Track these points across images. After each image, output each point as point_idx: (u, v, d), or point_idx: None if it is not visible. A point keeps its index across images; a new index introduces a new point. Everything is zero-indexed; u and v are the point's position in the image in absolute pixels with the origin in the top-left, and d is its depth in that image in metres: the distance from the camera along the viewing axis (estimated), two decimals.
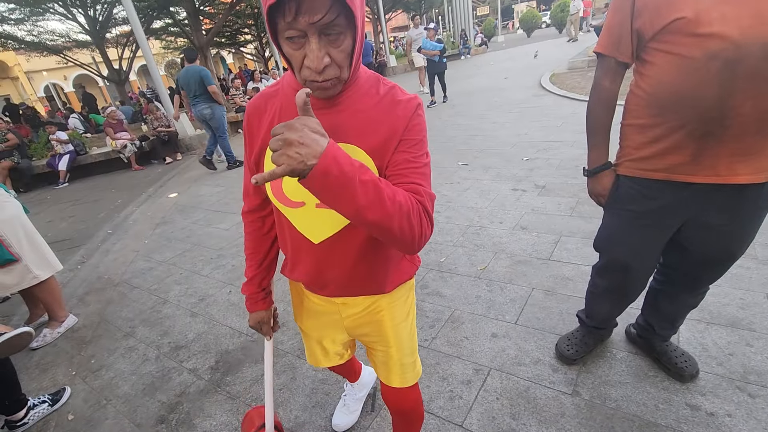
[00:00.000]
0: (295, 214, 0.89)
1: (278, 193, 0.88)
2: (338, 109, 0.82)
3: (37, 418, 1.97)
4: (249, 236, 1.09)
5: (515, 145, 4.68)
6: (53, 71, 23.45)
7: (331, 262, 0.93)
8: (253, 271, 1.10)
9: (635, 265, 1.40)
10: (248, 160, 0.94)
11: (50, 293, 2.64)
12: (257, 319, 1.14)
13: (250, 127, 0.91)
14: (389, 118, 0.81)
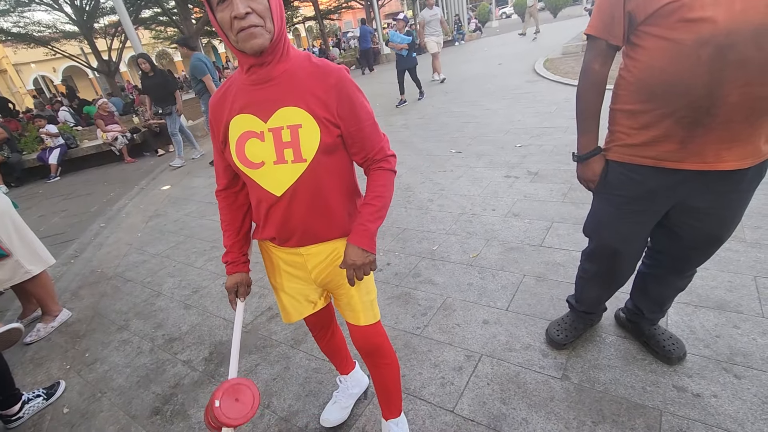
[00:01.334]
0: (259, 174, 1.05)
1: (242, 158, 1.04)
2: (277, 81, 1.00)
3: (32, 412, 1.98)
4: (224, 210, 1.25)
5: (508, 131, 4.66)
6: (42, 63, 23.05)
7: (294, 211, 1.08)
8: (233, 239, 1.25)
9: (623, 250, 1.41)
10: (217, 142, 1.11)
11: (43, 288, 2.63)
12: (236, 281, 1.25)
13: (214, 115, 1.09)
14: (321, 81, 1.00)
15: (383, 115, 6.99)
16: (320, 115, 1.00)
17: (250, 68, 0.99)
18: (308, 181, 1.04)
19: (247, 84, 1.02)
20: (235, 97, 1.04)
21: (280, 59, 0.99)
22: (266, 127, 1.01)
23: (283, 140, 1.00)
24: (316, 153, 1.01)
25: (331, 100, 1.00)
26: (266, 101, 1.01)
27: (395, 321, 2.12)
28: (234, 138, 1.04)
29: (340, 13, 25.61)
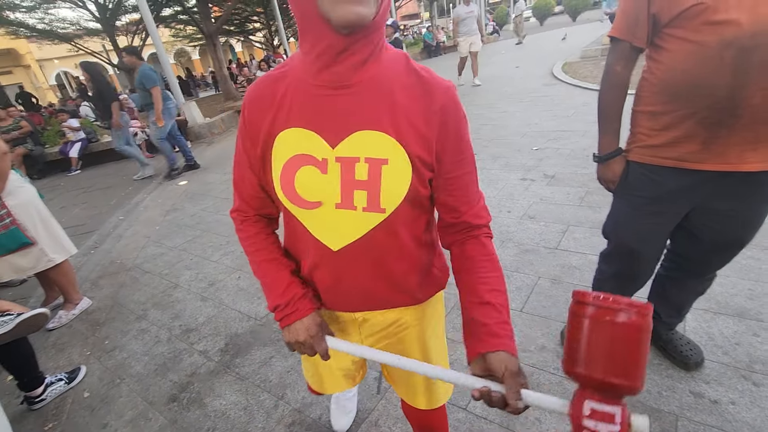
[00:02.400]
0: (311, 217, 0.76)
1: (288, 191, 0.75)
2: (358, 90, 0.69)
3: (55, 395, 2.05)
4: (256, 236, 0.88)
5: (525, 134, 4.64)
6: (64, 59, 23.60)
7: (353, 271, 0.80)
8: (285, 266, 0.86)
9: (642, 250, 1.40)
10: (249, 155, 0.80)
11: (65, 276, 2.70)
12: (315, 323, 0.81)
13: (255, 113, 0.76)
14: (422, 102, 0.71)
15: None
16: (415, 152, 0.71)
17: (323, 57, 0.66)
18: (381, 237, 0.76)
19: (312, 85, 0.70)
20: (291, 99, 0.73)
21: (370, 57, 0.68)
22: (333, 154, 0.71)
23: (356, 177, 0.71)
24: (401, 202, 0.73)
25: (432, 131, 0.71)
26: (338, 116, 0.70)
27: None
28: (281, 160, 0.74)
29: None
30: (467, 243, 0.81)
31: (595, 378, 0.57)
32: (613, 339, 0.56)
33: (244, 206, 0.87)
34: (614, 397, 0.57)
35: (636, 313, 0.55)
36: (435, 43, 16.90)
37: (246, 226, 0.89)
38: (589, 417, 0.57)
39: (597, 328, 0.57)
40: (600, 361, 0.57)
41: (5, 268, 2.43)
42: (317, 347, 0.80)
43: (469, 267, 0.79)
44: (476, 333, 0.72)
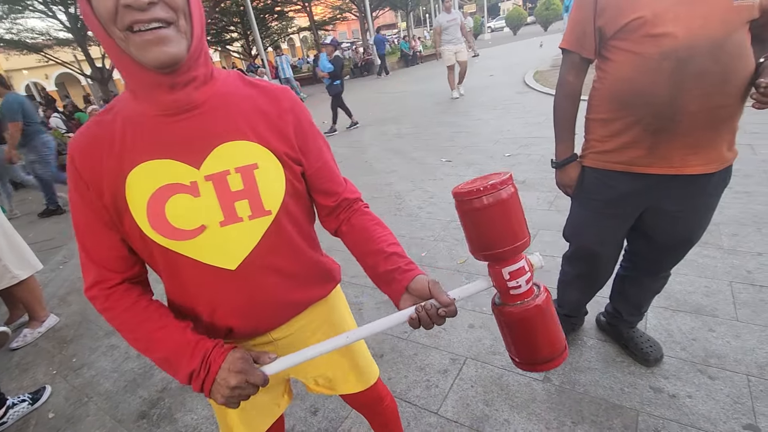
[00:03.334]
0: (196, 246, 0.70)
1: (161, 226, 0.68)
2: (205, 109, 0.69)
3: (17, 417, 1.97)
4: (134, 308, 0.74)
5: (498, 141, 4.75)
6: (34, 70, 22.98)
7: (259, 284, 0.77)
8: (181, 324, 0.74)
9: (601, 251, 1.46)
10: (94, 215, 0.70)
11: (30, 293, 2.62)
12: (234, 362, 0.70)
13: (84, 166, 0.68)
14: (271, 106, 0.75)
15: (375, 124, 7.08)
16: (280, 150, 0.74)
17: (156, 92, 0.65)
18: (274, 240, 0.76)
19: (151, 115, 0.67)
20: (132, 136, 0.68)
21: (204, 79, 0.69)
22: (201, 174, 0.69)
23: (233, 189, 0.70)
24: (283, 200, 0.75)
25: (289, 129, 0.75)
26: (194, 137, 0.68)
27: None
28: (141, 199, 0.68)
29: (335, 24, 25.91)
30: (352, 218, 0.87)
31: (498, 251, 0.68)
32: (493, 218, 0.67)
33: (106, 274, 0.74)
34: (516, 255, 0.69)
35: (508, 187, 0.66)
36: (412, 52, 17.15)
37: (113, 301, 0.74)
38: (510, 279, 0.69)
39: (478, 216, 0.68)
40: (496, 237, 0.68)
41: None
42: (253, 379, 0.69)
43: (364, 236, 0.84)
44: (392, 278, 0.77)
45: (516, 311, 0.71)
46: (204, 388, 0.71)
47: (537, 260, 0.72)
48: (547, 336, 0.72)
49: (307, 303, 0.89)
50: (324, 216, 0.89)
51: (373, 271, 0.82)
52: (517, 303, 0.70)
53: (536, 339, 0.72)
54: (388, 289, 0.79)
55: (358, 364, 1.04)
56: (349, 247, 0.87)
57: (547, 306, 0.70)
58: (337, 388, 1.04)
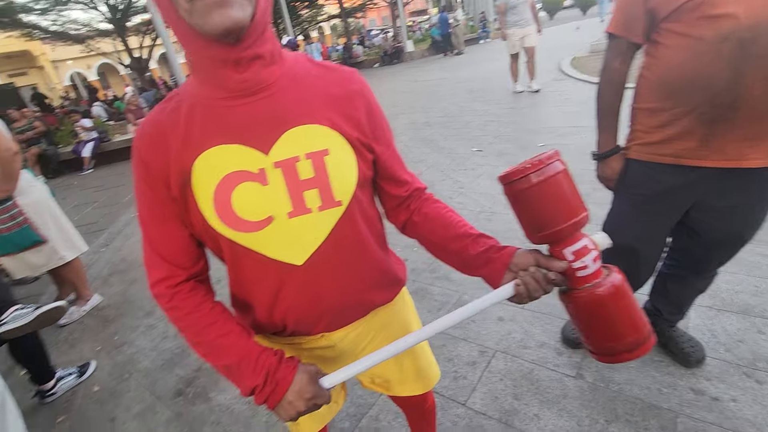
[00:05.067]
0: (263, 238, 0.67)
1: (229, 217, 0.65)
2: (274, 90, 0.65)
3: (65, 388, 2.10)
4: (199, 311, 0.72)
5: (532, 131, 4.61)
6: (78, 60, 23.99)
7: (326, 281, 0.73)
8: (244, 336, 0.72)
9: (642, 249, 1.40)
10: (165, 203, 0.68)
11: (76, 273, 2.77)
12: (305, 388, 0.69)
13: (149, 158, 0.66)
14: (340, 89, 0.70)
15: (405, 113, 7.01)
16: (352, 134, 0.69)
17: (222, 72, 0.62)
18: (345, 233, 0.71)
19: (218, 99, 0.64)
20: (198, 122, 0.65)
21: (272, 57, 0.65)
22: (269, 160, 0.65)
23: (302, 177, 0.66)
24: (354, 190, 0.70)
25: (360, 113, 0.71)
26: (261, 120, 0.65)
27: None
28: (208, 187, 0.65)
29: (365, 10, 25.70)
30: (424, 207, 0.83)
31: (556, 229, 0.65)
32: (544, 196, 0.64)
33: (172, 270, 0.71)
34: (575, 232, 0.66)
35: (555, 162, 0.64)
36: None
37: (179, 300, 0.71)
38: (574, 260, 0.66)
39: (527, 196, 0.66)
40: (551, 216, 0.65)
41: (19, 265, 2.50)
42: (321, 401, 0.70)
43: (443, 222, 0.80)
44: (489, 257, 0.73)
45: (586, 295, 0.66)
46: (268, 403, 0.69)
47: (601, 239, 0.68)
48: (627, 321, 0.66)
49: (371, 306, 0.84)
50: (392, 208, 0.85)
51: (461, 256, 0.78)
52: (586, 286, 0.66)
53: (615, 325, 0.66)
54: (484, 270, 0.75)
55: (422, 366, 0.99)
56: (424, 236, 0.83)
57: (622, 286, 0.65)
58: (394, 389, 1.00)
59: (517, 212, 0.69)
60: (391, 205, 0.84)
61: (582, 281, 0.66)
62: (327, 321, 0.79)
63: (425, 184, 0.86)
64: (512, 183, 0.66)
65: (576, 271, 0.66)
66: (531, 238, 0.69)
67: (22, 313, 1.74)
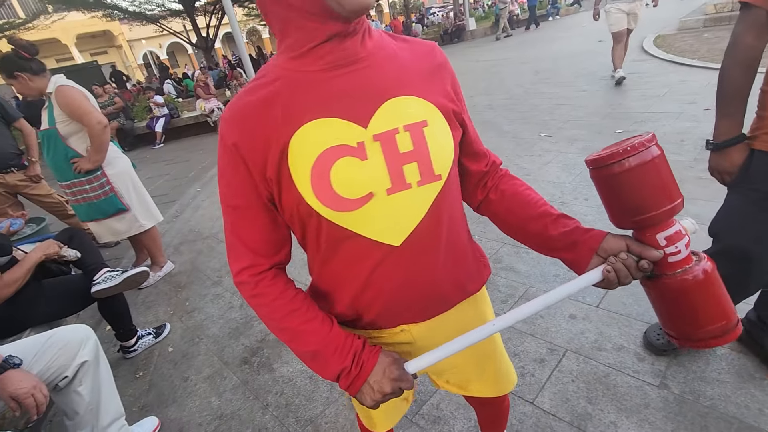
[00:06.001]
0: (361, 217, 0.63)
1: (328, 197, 0.62)
2: (370, 62, 0.63)
3: (144, 347, 2.27)
4: (282, 298, 0.70)
5: (607, 115, 4.27)
6: (150, 39, 25.47)
7: (419, 266, 0.69)
8: (328, 321, 0.71)
9: (759, 254, 1.23)
10: (257, 187, 0.65)
11: (153, 241, 2.96)
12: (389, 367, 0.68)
13: (243, 140, 0.63)
14: (426, 61, 0.69)
15: (467, 94, 6.72)
16: (446, 106, 0.67)
17: (321, 44, 0.60)
18: (441, 211, 0.67)
19: (314, 71, 0.62)
20: (293, 98, 0.62)
21: (369, 31, 0.65)
22: (368, 133, 0.62)
23: (401, 151, 0.62)
24: (452, 163, 0.67)
25: (447, 85, 0.70)
26: (358, 92, 0.62)
27: None
28: (306, 164, 0.61)
29: None
30: (501, 183, 0.80)
31: (652, 214, 0.63)
32: (643, 180, 0.62)
33: (255, 259, 0.70)
34: (670, 218, 0.64)
35: (652, 147, 0.61)
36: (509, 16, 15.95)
37: (263, 288, 0.70)
38: (667, 245, 0.64)
39: (623, 180, 0.63)
40: (647, 201, 0.62)
41: (104, 230, 2.71)
42: (405, 384, 0.68)
43: (521, 200, 0.78)
44: (575, 240, 0.71)
45: (676, 281, 0.64)
46: (353, 387, 0.68)
47: (690, 225, 0.66)
48: (716, 308, 0.65)
49: (463, 294, 0.80)
50: (472, 186, 0.82)
51: (541, 237, 0.75)
52: (678, 272, 0.64)
53: (704, 311, 0.65)
54: (569, 254, 0.72)
55: (501, 369, 0.95)
56: (499, 215, 0.80)
57: (713, 272, 0.63)
58: (470, 389, 0.95)
59: (605, 196, 0.68)
60: (470, 182, 0.82)
61: (673, 267, 0.64)
62: (414, 311, 0.75)
63: (500, 158, 0.84)
64: (605, 167, 0.64)
65: (668, 256, 0.64)
66: (619, 222, 0.68)
67: (112, 275, 1.88)
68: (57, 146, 2.45)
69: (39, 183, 3.25)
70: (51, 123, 2.43)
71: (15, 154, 3.11)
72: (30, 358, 1.38)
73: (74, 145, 2.48)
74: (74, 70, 13.03)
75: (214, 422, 1.75)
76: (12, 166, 3.07)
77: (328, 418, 1.66)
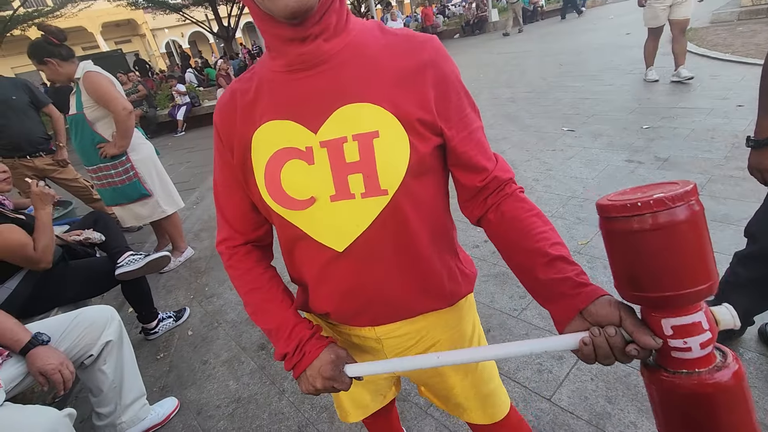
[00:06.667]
0: (306, 218, 0.66)
1: (277, 193, 0.65)
2: (334, 64, 0.62)
3: (165, 329, 2.33)
4: (250, 272, 0.77)
5: (634, 110, 4.14)
6: (173, 29, 25.80)
7: (366, 273, 0.69)
8: (287, 304, 0.76)
9: None
10: (230, 170, 0.72)
11: (174, 226, 3.02)
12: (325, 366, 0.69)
13: (222, 125, 0.70)
14: (408, 59, 0.63)
15: (487, 87, 6.66)
16: (411, 115, 0.62)
17: (286, 47, 0.61)
18: (389, 226, 0.65)
19: (280, 72, 0.64)
20: (263, 96, 0.66)
21: (336, 29, 0.62)
22: (317, 139, 0.62)
23: (347, 160, 0.61)
24: (403, 178, 0.62)
25: (426, 88, 0.63)
26: (315, 96, 0.62)
27: (490, 299, 2.06)
28: (261, 160, 0.66)
29: None
30: (504, 204, 0.70)
31: (664, 295, 0.49)
32: (670, 248, 0.47)
33: (231, 233, 0.77)
34: (692, 304, 0.49)
35: (687, 205, 0.46)
36: (532, 7, 15.59)
37: (236, 261, 0.77)
38: (673, 336, 0.49)
39: (645, 242, 0.48)
40: (663, 276, 0.48)
41: (128, 215, 2.78)
42: (339, 385, 0.70)
43: (519, 228, 0.67)
44: (560, 293, 0.61)
45: (682, 384, 0.50)
46: (294, 372, 0.73)
47: (725, 315, 0.49)
48: (739, 426, 0.49)
49: (417, 311, 0.76)
50: (466, 199, 0.74)
51: (528, 276, 0.67)
52: (682, 372, 0.50)
53: (718, 428, 0.50)
54: (552, 306, 0.63)
55: (481, 391, 0.87)
56: (495, 240, 0.72)
57: (736, 385, 0.48)
58: (451, 409, 0.92)
59: (612, 254, 0.54)
60: (463, 195, 0.74)
61: (676, 364, 0.50)
62: (370, 315, 0.75)
63: (511, 173, 0.72)
64: (621, 219, 0.49)
65: (672, 350, 0.50)
66: (622, 292, 0.54)
67: (135, 259, 1.92)
68: (84, 131, 2.51)
69: (66, 167, 3.34)
70: (79, 108, 2.48)
71: (44, 138, 3.20)
72: (57, 336, 1.42)
73: (100, 130, 2.53)
74: (99, 57, 13.31)
75: (231, 405, 1.79)
76: (41, 150, 3.17)
77: None
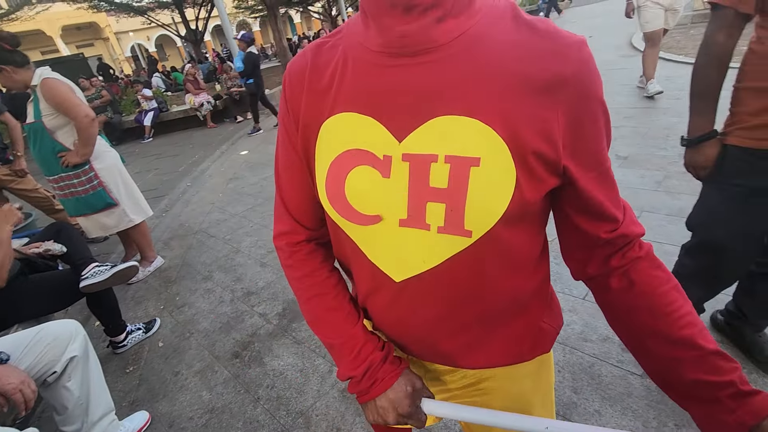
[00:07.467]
0: (367, 235, 0.56)
1: (338, 201, 0.55)
2: (445, 54, 0.47)
3: (134, 342, 2.26)
4: (312, 278, 0.66)
5: None
6: (138, 32, 25.07)
7: (418, 314, 0.59)
8: (352, 318, 0.65)
9: (735, 247, 1.26)
10: (294, 153, 0.60)
11: (143, 236, 2.94)
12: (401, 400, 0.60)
13: (291, 95, 0.58)
14: (542, 69, 0.46)
15: None
16: (528, 145, 0.47)
17: (386, 17, 0.48)
18: (461, 270, 0.53)
19: (373, 54, 0.51)
20: (342, 75, 0.53)
21: (455, 6, 0.47)
22: (400, 150, 0.50)
23: (432, 184, 0.49)
24: (496, 223, 0.49)
25: (557, 113, 0.47)
26: (410, 94, 0.49)
27: None
28: (327, 157, 0.55)
29: None
30: (633, 270, 0.55)
31: None
32: None
33: (294, 226, 0.65)
34: None
35: None
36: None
37: (297, 261, 0.66)
38: None
39: None
40: None
41: (93, 225, 2.69)
42: (414, 423, 0.61)
43: (654, 306, 0.54)
44: (716, 397, 0.50)
45: None
46: (359, 398, 0.63)
47: None
48: None
49: (469, 366, 0.65)
50: (578, 249, 0.59)
51: (667, 370, 0.54)
52: None
53: None
54: (696, 408, 0.53)
55: None
56: (618, 312, 0.58)
57: None
58: None
59: None
60: (576, 244, 0.59)
61: None
62: (417, 352, 0.67)
63: (643, 228, 0.57)
64: None
65: None
66: None
67: (101, 270, 1.87)
68: (44, 140, 2.42)
69: (25, 177, 3.21)
70: (37, 116, 2.39)
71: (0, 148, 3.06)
72: (18, 353, 1.37)
73: (61, 138, 2.45)
74: (59, 62, 12.80)
75: (205, 416, 1.76)
76: None
77: (318, 410, 1.67)
